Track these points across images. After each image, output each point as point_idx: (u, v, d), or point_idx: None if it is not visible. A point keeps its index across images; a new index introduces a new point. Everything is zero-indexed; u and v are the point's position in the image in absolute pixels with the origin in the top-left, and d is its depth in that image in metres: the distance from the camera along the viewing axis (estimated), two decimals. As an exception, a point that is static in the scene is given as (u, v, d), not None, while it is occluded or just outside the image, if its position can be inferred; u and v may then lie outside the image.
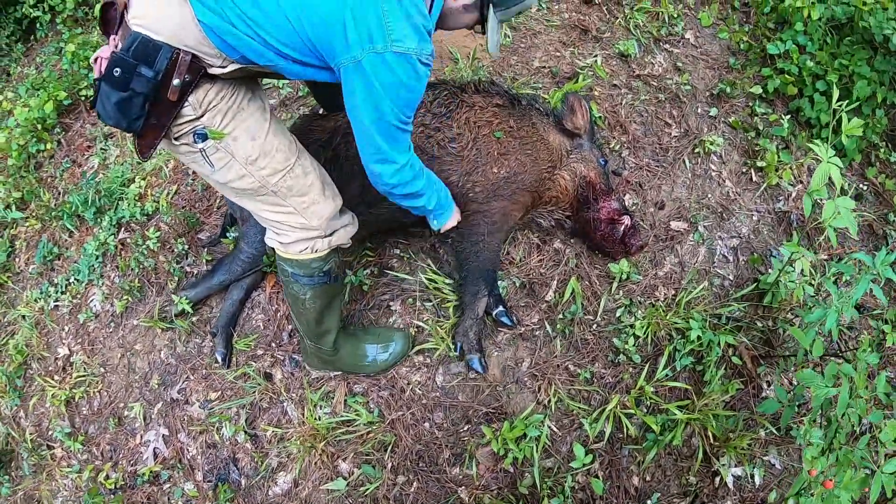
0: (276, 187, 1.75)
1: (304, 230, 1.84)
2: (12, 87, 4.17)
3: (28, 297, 2.87)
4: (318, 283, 1.92)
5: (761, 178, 2.70)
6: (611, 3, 3.15)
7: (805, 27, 2.95)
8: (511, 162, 2.21)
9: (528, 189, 2.26)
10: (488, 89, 2.32)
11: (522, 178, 2.23)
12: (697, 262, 2.48)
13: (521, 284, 2.35)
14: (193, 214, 2.73)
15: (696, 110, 2.81)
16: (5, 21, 4.57)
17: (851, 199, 1.97)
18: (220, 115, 1.62)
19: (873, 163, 2.89)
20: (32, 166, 3.38)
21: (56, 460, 2.55)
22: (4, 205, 3.20)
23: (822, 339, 2.02)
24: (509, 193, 2.22)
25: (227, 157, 1.67)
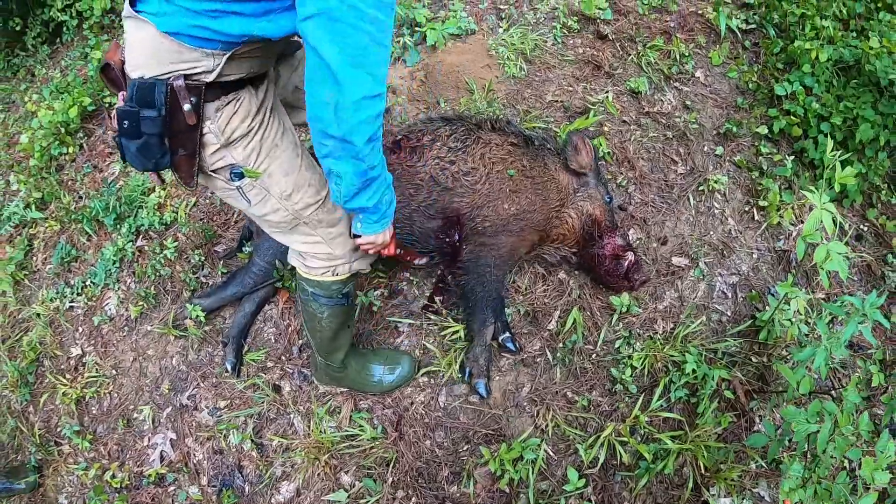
0: (308, 219, 1.81)
1: (329, 259, 1.91)
2: (37, 89, 4.28)
3: (44, 295, 2.94)
4: (337, 304, 1.99)
5: (763, 217, 2.77)
6: (624, 40, 3.23)
7: (813, 69, 3.01)
8: (522, 200, 2.30)
9: (536, 227, 2.34)
10: (504, 128, 2.41)
11: (531, 217, 2.32)
12: (697, 297, 2.55)
13: (525, 312, 2.43)
14: (211, 227, 2.81)
15: (702, 148, 2.89)
16: (33, 22, 4.68)
17: (843, 244, 2.04)
18: (255, 154, 1.67)
19: (874, 204, 2.95)
20: (54, 168, 3.47)
21: (63, 456, 2.63)
22: (25, 204, 3.28)
23: (811, 377, 2.09)
24: (518, 230, 2.30)
25: (262, 192, 1.73)
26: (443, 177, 2.30)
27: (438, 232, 2.31)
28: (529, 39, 3.23)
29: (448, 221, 2.30)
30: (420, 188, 2.32)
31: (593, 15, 3.34)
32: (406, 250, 2.14)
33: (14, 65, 4.78)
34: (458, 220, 2.30)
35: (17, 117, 4.16)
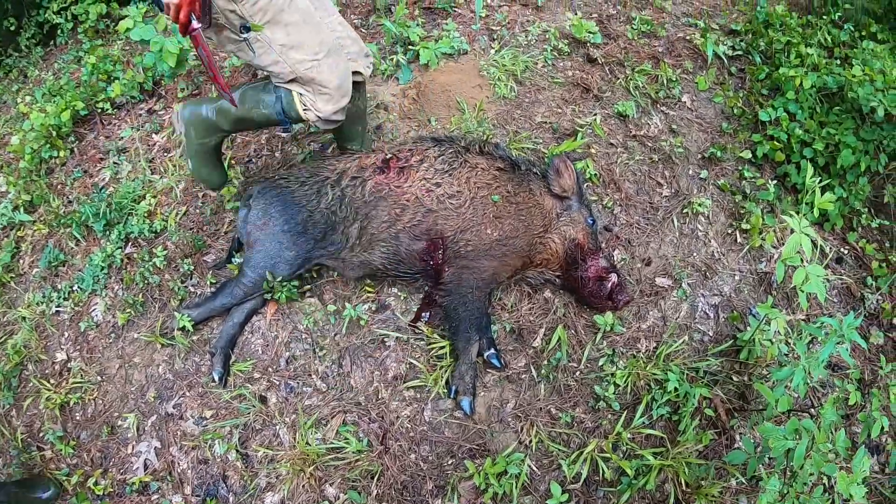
0: (302, 75, 2.10)
1: (311, 104, 2.20)
2: (29, 91, 4.26)
3: (30, 299, 2.94)
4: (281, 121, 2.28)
5: (745, 240, 2.83)
6: (613, 64, 3.30)
7: (797, 95, 3.09)
8: (505, 225, 2.35)
9: (518, 253, 2.39)
10: (492, 152, 2.46)
11: (514, 242, 2.37)
12: (679, 317, 2.60)
13: (510, 330, 2.46)
14: (201, 237, 2.83)
15: (687, 172, 2.96)
16: (27, 23, 4.67)
17: (823, 267, 2.10)
18: (261, 13, 1.95)
19: (855, 228, 3.02)
20: (44, 171, 3.45)
21: (45, 462, 2.61)
22: (13, 206, 3.27)
23: (789, 396, 2.14)
24: (500, 255, 2.35)
25: (265, 46, 2.03)
26: (428, 199, 2.34)
27: (422, 253, 2.35)
28: (520, 61, 3.29)
29: (432, 243, 2.34)
30: (406, 208, 2.36)
31: (583, 38, 3.41)
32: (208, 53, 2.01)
33: (6, 65, 4.75)
34: (441, 243, 2.34)
35: (8, 118, 4.13)
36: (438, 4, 3.79)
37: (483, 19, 3.70)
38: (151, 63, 3.24)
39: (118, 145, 3.40)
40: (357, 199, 2.36)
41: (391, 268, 2.40)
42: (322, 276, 2.62)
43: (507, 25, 3.64)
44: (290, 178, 2.48)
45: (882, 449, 2.53)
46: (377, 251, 2.36)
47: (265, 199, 2.44)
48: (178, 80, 3.59)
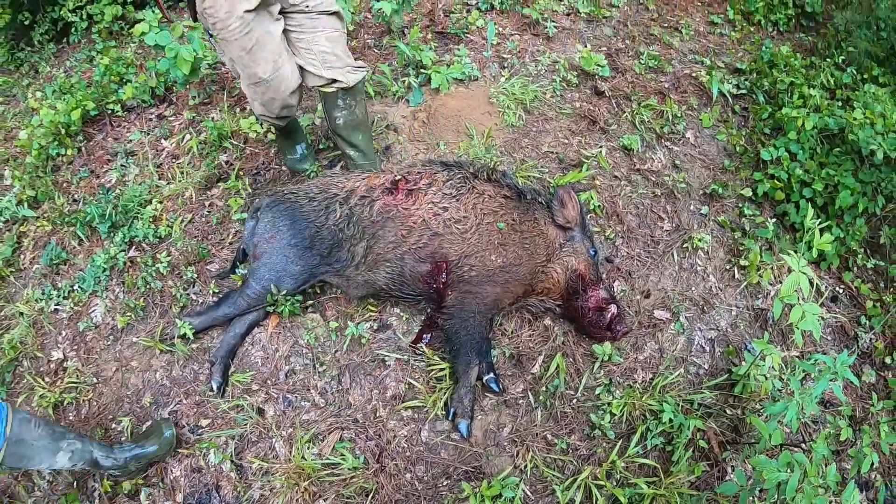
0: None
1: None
2: (39, 86, 4.27)
3: (29, 295, 2.93)
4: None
5: (743, 276, 2.88)
6: (620, 98, 3.37)
7: (798, 136, 3.15)
8: (509, 253, 2.39)
9: (521, 280, 2.43)
10: (499, 179, 2.51)
11: (517, 270, 2.40)
12: (676, 349, 2.64)
13: (510, 355, 2.49)
14: (205, 246, 2.84)
15: (688, 207, 3.01)
16: (42, 19, 4.69)
17: (818, 305, 2.15)
18: (213, 30, 2.23)
19: (851, 268, 3.06)
20: (50, 168, 3.46)
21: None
22: (17, 200, 3.27)
23: (782, 430, 2.18)
24: (503, 281, 2.39)
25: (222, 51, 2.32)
26: (435, 222, 2.38)
27: (427, 276, 2.38)
28: (530, 90, 3.35)
29: (436, 266, 2.37)
30: (412, 230, 2.39)
31: (592, 71, 3.48)
32: None
33: (18, 58, 4.76)
34: (445, 266, 2.37)
35: (17, 112, 4.13)
36: (451, 30, 3.86)
37: (494, 47, 3.77)
38: (165, 69, 3.26)
39: (126, 148, 3.42)
40: (365, 219, 2.40)
41: (395, 288, 2.43)
42: (325, 293, 2.64)
43: (518, 54, 3.71)
44: (300, 193, 2.51)
45: (871, 485, 2.57)
46: (382, 271, 2.39)
47: (273, 213, 2.46)
48: (190, 88, 3.63)
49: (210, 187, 3.11)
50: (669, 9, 4.31)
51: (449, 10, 4.12)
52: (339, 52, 2.50)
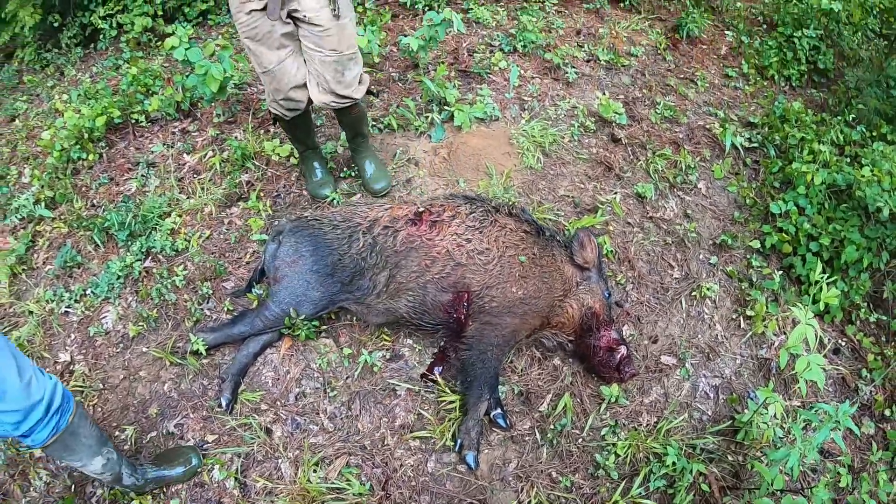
0: None
1: None
2: (65, 88, 4.32)
3: (39, 294, 2.94)
4: None
5: (749, 326, 2.93)
6: (635, 146, 3.45)
7: (807, 190, 3.21)
8: (529, 285, 2.44)
9: (539, 313, 2.48)
10: (520, 215, 2.58)
11: (536, 302, 2.45)
12: (681, 395, 2.68)
13: (518, 392, 2.53)
14: (222, 263, 2.88)
15: (698, 256, 3.08)
16: (71, 22, 4.76)
17: (822, 357, 2.20)
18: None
19: (854, 321, 3.11)
20: (70, 171, 3.49)
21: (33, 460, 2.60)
22: (35, 199, 3.30)
23: (783, 476, 2.21)
24: (521, 313, 2.43)
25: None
26: (458, 253, 2.43)
27: (448, 305, 2.43)
28: (549, 134, 3.43)
29: (458, 296, 2.42)
30: (436, 260, 2.44)
31: (610, 118, 3.57)
32: None
33: (44, 59, 4.82)
34: (467, 296, 2.42)
35: (40, 112, 4.18)
36: (475, 69, 3.96)
37: (516, 89, 3.85)
38: (193, 84, 3.33)
39: (148, 159, 3.46)
40: (388, 248, 2.45)
41: (415, 317, 2.47)
42: (339, 319, 2.68)
43: (539, 98, 3.79)
44: (324, 220, 2.56)
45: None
46: (403, 300, 2.44)
47: (297, 238, 2.51)
48: (216, 105, 3.69)
49: (230, 205, 3.16)
50: (686, 60, 4.42)
51: (473, 50, 4.22)
52: (328, 77, 2.66)
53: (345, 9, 2.55)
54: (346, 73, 2.67)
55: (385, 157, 3.35)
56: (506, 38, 4.29)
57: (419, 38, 3.55)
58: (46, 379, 1.94)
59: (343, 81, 2.68)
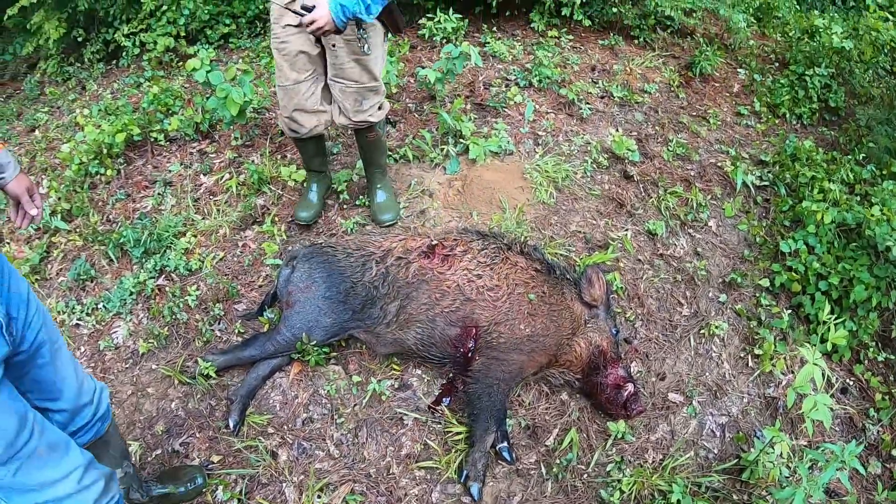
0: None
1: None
2: (86, 103, 4.40)
3: (51, 305, 2.96)
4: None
5: (756, 364, 2.93)
6: (647, 183, 3.48)
7: (817, 229, 3.21)
8: (537, 323, 2.46)
9: (546, 351, 2.49)
10: (531, 253, 2.61)
11: (544, 341, 2.47)
12: (687, 432, 2.68)
13: (525, 426, 2.53)
14: (235, 285, 2.91)
15: (707, 294, 3.09)
16: (94, 38, 4.87)
17: (829, 396, 2.20)
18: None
19: (862, 360, 3.09)
20: (87, 185, 3.54)
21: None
22: (52, 210, 3.34)
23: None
24: (529, 350, 2.45)
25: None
26: (468, 288, 2.46)
27: (455, 340, 2.45)
28: (562, 169, 3.47)
29: (466, 331, 2.44)
30: (446, 294, 2.47)
31: (623, 155, 3.60)
32: None
33: (67, 72, 4.91)
34: (475, 332, 2.44)
35: (60, 124, 4.25)
36: (490, 102, 4.02)
37: (531, 123, 3.90)
38: (213, 107, 3.39)
39: (165, 178, 3.52)
40: (400, 279, 2.48)
41: (423, 349, 2.49)
42: (349, 347, 2.70)
43: (553, 133, 3.84)
44: (338, 247, 2.60)
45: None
46: (412, 331, 2.46)
47: (311, 264, 2.54)
48: (235, 129, 3.75)
49: (245, 228, 3.20)
50: (699, 98, 4.47)
51: (490, 84, 4.29)
52: (347, 106, 2.75)
53: (374, 45, 2.61)
54: (364, 103, 2.74)
55: (400, 188, 3.39)
56: (522, 73, 4.36)
57: (437, 71, 3.62)
58: (94, 382, 1.96)
59: (361, 109, 2.76)
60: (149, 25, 4.63)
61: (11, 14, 4.51)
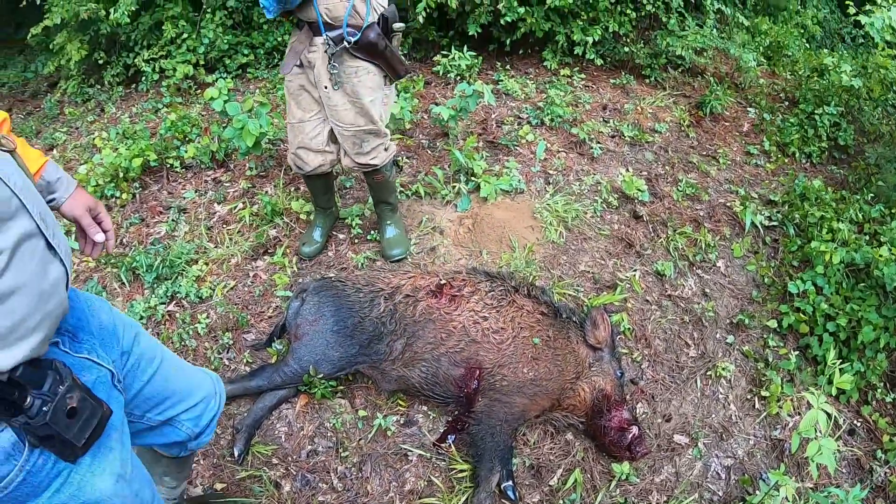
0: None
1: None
2: (104, 125, 4.49)
3: (63, 327, 3.01)
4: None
5: (763, 406, 2.91)
6: (657, 223, 3.49)
7: (825, 270, 3.20)
8: (540, 367, 2.47)
9: (549, 395, 2.50)
10: (538, 296, 2.62)
11: (547, 385, 2.48)
12: (692, 475, 2.66)
13: (530, 465, 2.53)
14: (245, 315, 2.94)
15: (715, 335, 3.09)
16: (115, 61, 4.97)
17: (835, 439, 2.18)
18: None
19: (870, 401, 3.05)
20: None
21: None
22: (66, 230, 3.35)
23: None
24: (531, 394, 2.46)
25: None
26: (474, 329, 2.48)
27: (459, 380, 2.47)
28: (572, 208, 3.49)
29: (470, 372, 2.45)
30: (452, 334, 2.49)
31: (633, 195, 3.63)
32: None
33: (86, 93, 5.00)
34: (478, 373, 2.45)
35: (78, 145, 4.32)
36: (502, 140, 4.07)
37: (542, 162, 3.95)
38: (229, 137, 3.46)
39: (180, 204, 3.57)
40: (407, 317, 2.50)
41: (427, 388, 2.50)
42: (356, 381, 2.71)
43: (563, 172, 3.88)
44: (347, 282, 2.63)
45: None
46: (417, 369, 2.48)
47: (320, 297, 2.57)
48: (250, 159, 3.81)
49: (256, 259, 3.24)
50: (708, 137, 4.51)
51: (502, 122, 4.35)
52: (347, 148, 2.83)
53: (362, 88, 2.64)
54: (364, 146, 2.80)
55: (411, 224, 3.43)
56: (534, 111, 4.42)
57: (450, 108, 3.67)
58: (206, 373, 1.85)
59: (362, 152, 2.81)
60: (169, 52, 4.73)
61: (35, 33, 4.63)
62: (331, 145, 2.85)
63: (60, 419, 1.14)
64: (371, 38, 2.52)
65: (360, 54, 2.57)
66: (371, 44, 2.53)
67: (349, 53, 2.55)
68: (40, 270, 1.11)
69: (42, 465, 1.17)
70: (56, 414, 1.13)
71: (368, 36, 2.51)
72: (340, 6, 2.45)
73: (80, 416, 1.18)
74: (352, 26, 2.49)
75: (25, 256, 1.07)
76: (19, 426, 1.11)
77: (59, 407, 1.13)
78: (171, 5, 4.63)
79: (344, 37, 2.49)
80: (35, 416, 1.11)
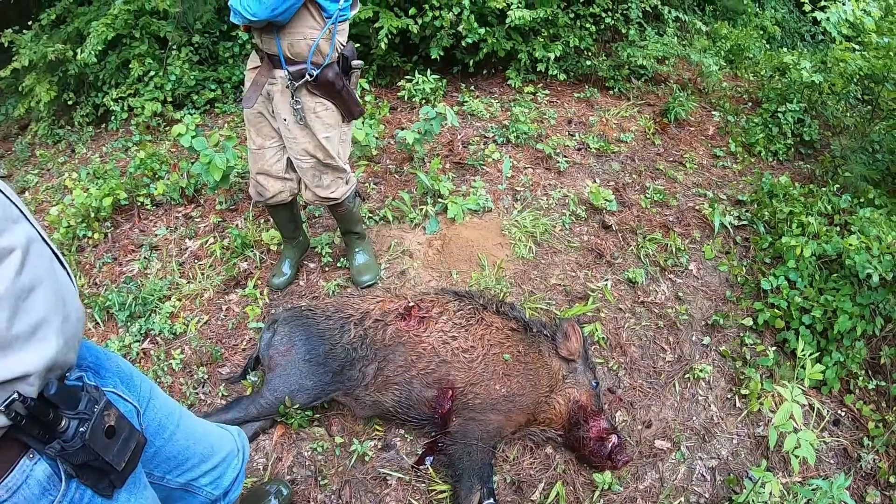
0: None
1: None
2: (75, 166, 4.48)
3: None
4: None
5: (744, 405, 2.92)
6: (626, 231, 3.52)
7: (797, 264, 3.22)
8: (513, 383, 2.47)
9: (524, 410, 2.49)
10: (507, 312, 2.63)
11: (520, 400, 2.47)
12: (677, 479, 2.64)
13: (510, 481, 2.51)
14: (219, 349, 2.92)
15: (690, 338, 3.10)
16: (84, 101, 4.98)
17: (817, 430, 2.17)
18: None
19: (852, 390, 3.06)
20: (75, 248, 3.58)
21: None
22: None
23: None
24: (506, 410, 2.45)
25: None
26: (443, 350, 2.48)
27: (432, 401, 2.46)
28: (540, 223, 3.52)
29: (442, 392, 2.45)
30: (422, 356, 2.49)
31: (600, 205, 3.66)
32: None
33: (57, 134, 5.00)
34: (451, 393, 2.44)
35: (50, 186, 4.31)
36: (469, 161, 4.10)
37: (509, 179, 3.98)
38: (198, 172, 3.47)
39: (152, 242, 3.56)
40: (378, 341, 2.50)
41: (401, 411, 2.49)
42: (332, 409, 2.69)
43: (531, 188, 3.92)
44: (317, 310, 2.62)
45: None
46: (390, 393, 2.46)
47: (290, 327, 2.56)
48: (219, 194, 3.82)
49: (229, 292, 3.23)
50: (675, 143, 4.57)
51: (468, 142, 4.39)
52: (307, 181, 2.83)
53: (318, 125, 2.64)
54: (323, 178, 2.81)
55: (380, 249, 3.43)
56: (499, 130, 4.46)
57: (415, 132, 3.70)
58: (228, 429, 1.83)
59: (321, 185, 2.82)
60: (137, 90, 4.75)
61: (4, 76, 4.62)
62: (290, 172, 2.86)
63: (99, 438, 1.09)
64: (329, 77, 2.53)
65: (317, 91, 2.58)
66: (329, 83, 2.54)
67: (307, 89, 2.56)
68: (52, 269, 1.10)
69: (79, 500, 1.12)
70: (94, 432, 1.08)
71: (327, 75, 2.52)
72: (304, 44, 2.46)
73: (119, 435, 1.14)
74: (313, 63, 2.51)
75: (36, 256, 1.06)
76: (54, 454, 1.06)
77: (97, 425, 1.09)
78: (137, 44, 4.65)
79: (306, 72, 2.50)
80: (71, 440, 1.05)
